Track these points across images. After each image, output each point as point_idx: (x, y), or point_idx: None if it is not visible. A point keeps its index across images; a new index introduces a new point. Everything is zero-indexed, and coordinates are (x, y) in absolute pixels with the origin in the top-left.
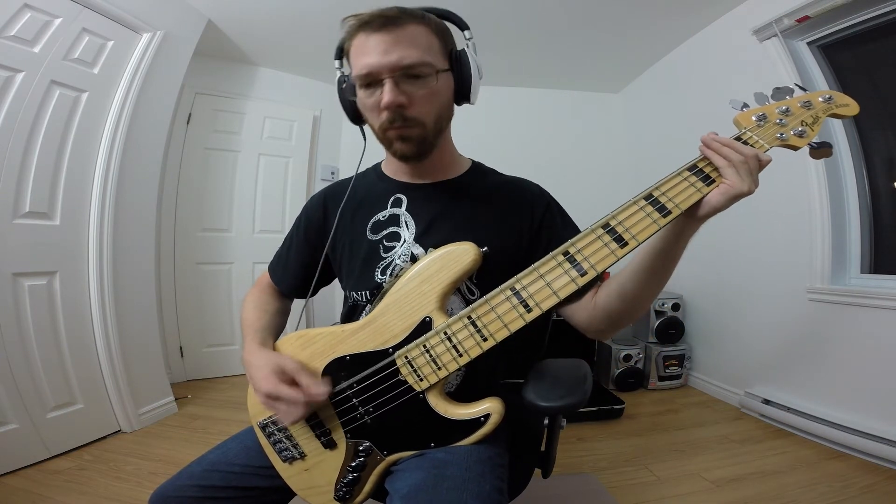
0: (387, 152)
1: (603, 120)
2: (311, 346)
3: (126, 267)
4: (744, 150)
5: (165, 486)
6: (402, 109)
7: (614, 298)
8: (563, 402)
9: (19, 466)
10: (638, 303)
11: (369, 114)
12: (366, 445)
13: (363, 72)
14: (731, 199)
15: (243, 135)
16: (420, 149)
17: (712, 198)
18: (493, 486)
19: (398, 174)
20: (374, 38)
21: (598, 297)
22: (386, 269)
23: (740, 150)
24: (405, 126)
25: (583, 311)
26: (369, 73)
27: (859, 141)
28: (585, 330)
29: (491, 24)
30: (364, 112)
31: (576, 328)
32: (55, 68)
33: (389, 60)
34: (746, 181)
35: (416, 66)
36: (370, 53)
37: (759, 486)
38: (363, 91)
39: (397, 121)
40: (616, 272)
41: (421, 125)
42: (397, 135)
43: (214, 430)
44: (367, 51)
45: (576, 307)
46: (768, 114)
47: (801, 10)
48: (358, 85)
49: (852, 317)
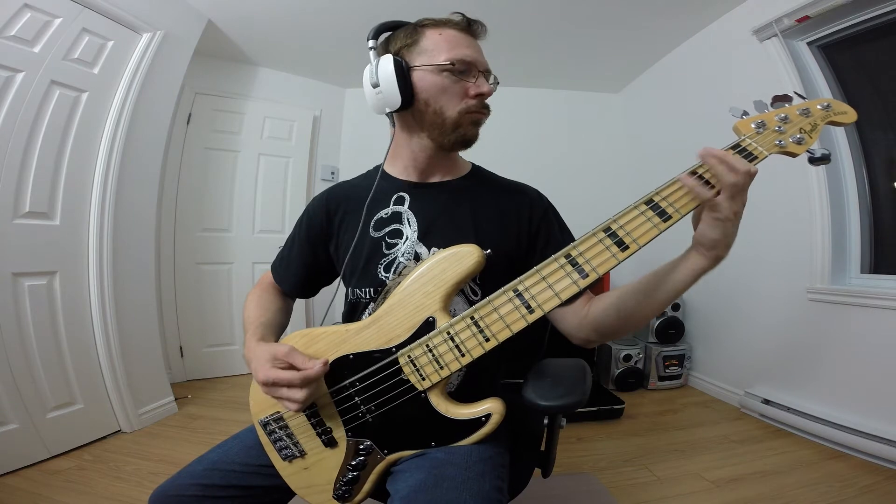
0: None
1: (603, 120)
2: (314, 345)
3: (126, 267)
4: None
5: (165, 485)
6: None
7: (611, 312)
8: (563, 402)
9: (19, 466)
10: (632, 322)
11: (450, 96)
12: (366, 444)
13: (467, 59)
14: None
15: (243, 135)
16: (476, 137)
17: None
18: (493, 485)
19: (404, 173)
20: (469, 38)
21: (593, 308)
22: (389, 266)
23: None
24: (486, 113)
25: (572, 317)
26: (473, 63)
27: (859, 141)
28: (571, 336)
29: (491, 24)
30: (439, 94)
31: (563, 333)
32: (55, 68)
33: (485, 61)
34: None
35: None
36: (472, 48)
37: (759, 486)
38: (451, 75)
39: (485, 108)
40: (617, 287)
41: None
42: (477, 118)
43: (214, 430)
44: (468, 45)
45: (565, 312)
46: (767, 121)
47: (801, 10)
48: (444, 69)
49: (852, 317)
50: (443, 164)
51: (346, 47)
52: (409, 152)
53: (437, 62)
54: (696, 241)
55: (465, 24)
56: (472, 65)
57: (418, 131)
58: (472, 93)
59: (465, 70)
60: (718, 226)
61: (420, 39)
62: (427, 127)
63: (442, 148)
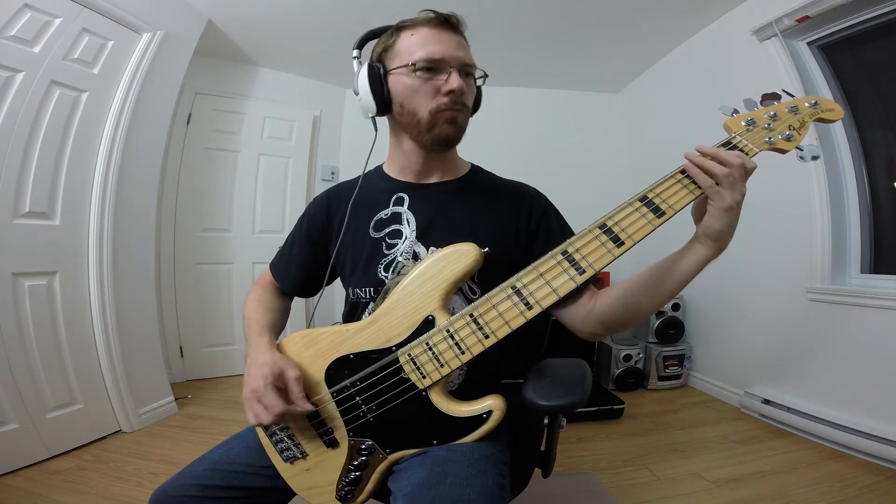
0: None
1: (603, 120)
2: (314, 345)
3: (126, 267)
4: (729, 160)
5: (166, 485)
6: (461, 96)
7: (618, 306)
8: (563, 402)
9: (19, 466)
10: (639, 313)
11: (421, 97)
12: (368, 444)
13: (436, 56)
14: (724, 214)
15: (243, 135)
16: (458, 135)
17: (707, 221)
18: (495, 481)
19: (402, 174)
20: (445, 34)
21: (599, 302)
22: (389, 266)
23: (725, 160)
24: (461, 109)
25: (579, 311)
26: (442, 60)
27: (859, 141)
28: (578, 331)
29: (491, 24)
30: (410, 96)
31: (569, 328)
32: (55, 68)
33: (459, 55)
34: (728, 195)
35: (473, 67)
36: (443, 44)
37: (759, 486)
38: (421, 74)
39: (458, 103)
40: (622, 281)
41: (467, 112)
42: (451, 116)
43: (214, 430)
44: (438, 41)
45: (572, 308)
46: (757, 119)
47: (801, 10)
48: (414, 69)
49: (852, 317)
50: (439, 164)
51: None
52: (401, 154)
53: (407, 63)
54: (702, 232)
55: (438, 21)
56: (441, 61)
57: (403, 134)
58: (443, 90)
59: (436, 68)
60: (723, 216)
61: (395, 43)
62: (407, 129)
63: (424, 148)
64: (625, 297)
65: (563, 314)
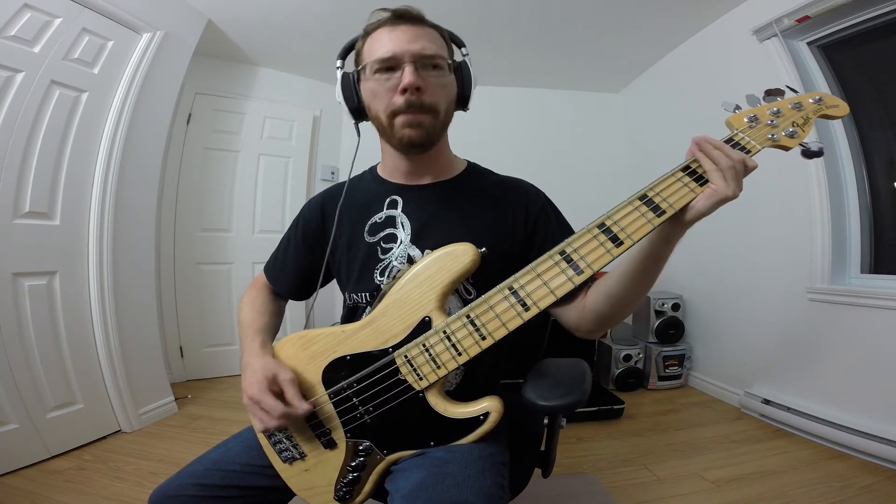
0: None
1: (603, 120)
2: (311, 347)
3: (126, 267)
4: (732, 154)
5: (165, 485)
6: (420, 94)
7: (602, 300)
8: (563, 402)
9: (19, 466)
10: (625, 305)
11: (380, 99)
12: (366, 445)
13: (386, 55)
14: (716, 203)
15: (243, 135)
16: (428, 137)
17: (698, 202)
18: (495, 481)
19: (394, 176)
20: (399, 28)
21: (588, 299)
22: (385, 270)
23: (729, 153)
24: (420, 111)
25: (573, 311)
26: (392, 57)
27: (859, 141)
28: (575, 330)
29: (491, 24)
30: (372, 100)
31: (567, 328)
32: (55, 68)
33: (413, 48)
34: (731, 186)
35: (436, 57)
36: (395, 41)
37: (759, 486)
38: (378, 76)
39: (413, 105)
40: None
41: (434, 112)
42: (409, 120)
43: (214, 430)
44: (392, 38)
45: (567, 307)
46: (760, 115)
47: (801, 10)
48: (372, 71)
49: (852, 317)
50: (430, 165)
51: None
52: (388, 157)
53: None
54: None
55: (393, 17)
56: (392, 59)
57: (382, 137)
58: (399, 88)
59: (392, 66)
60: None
61: (361, 48)
62: (381, 133)
63: (402, 152)
64: (607, 291)
65: (560, 313)
